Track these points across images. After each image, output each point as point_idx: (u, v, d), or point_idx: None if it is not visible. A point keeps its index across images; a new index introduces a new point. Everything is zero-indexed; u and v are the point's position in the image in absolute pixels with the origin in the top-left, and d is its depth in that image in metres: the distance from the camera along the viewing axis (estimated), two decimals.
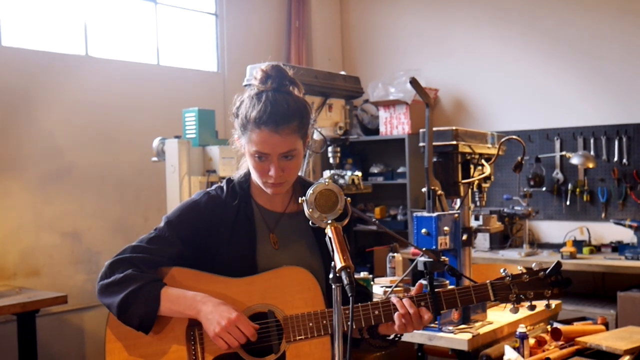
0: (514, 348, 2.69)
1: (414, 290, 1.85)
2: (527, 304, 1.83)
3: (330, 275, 1.51)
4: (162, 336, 1.83)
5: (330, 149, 3.81)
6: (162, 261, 1.87)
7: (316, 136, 3.70)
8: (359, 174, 3.86)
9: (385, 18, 6.64)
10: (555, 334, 2.86)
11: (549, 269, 1.83)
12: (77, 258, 4.85)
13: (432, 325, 2.79)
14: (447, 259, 2.71)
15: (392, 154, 6.31)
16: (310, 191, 1.62)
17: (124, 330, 1.82)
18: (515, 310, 1.85)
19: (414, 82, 2.57)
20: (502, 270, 1.83)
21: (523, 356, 2.66)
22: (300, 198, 1.64)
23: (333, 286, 1.49)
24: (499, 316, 3.00)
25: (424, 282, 2.24)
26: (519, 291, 1.81)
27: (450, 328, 2.76)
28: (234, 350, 1.77)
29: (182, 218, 1.91)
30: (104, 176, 5.02)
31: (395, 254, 3.59)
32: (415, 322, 1.80)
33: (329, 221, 1.59)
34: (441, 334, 2.74)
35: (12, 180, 4.54)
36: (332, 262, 1.51)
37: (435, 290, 1.83)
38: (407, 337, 2.86)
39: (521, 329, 2.70)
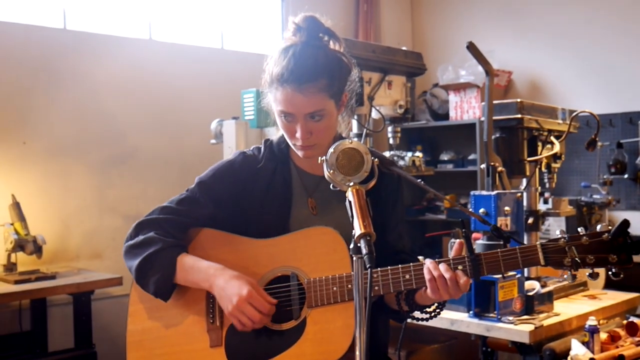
0: (583, 343, 2.43)
1: (453, 251, 1.62)
2: (587, 270, 1.54)
3: (351, 246, 1.33)
4: (184, 299, 1.77)
5: (390, 128, 3.61)
6: (190, 222, 1.79)
7: (375, 115, 3.51)
8: (420, 154, 3.64)
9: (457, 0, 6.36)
10: (631, 329, 2.57)
11: (613, 229, 1.52)
12: None
13: (491, 315, 2.57)
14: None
15: (462, 140, 6.03)
16: (331, 150, 1.43)
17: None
18: (572, 278, 1.55)
19: (471, 47, 2.35)
20: (557, 231, 1.55)
21: (593, 352, 2.40)
22: (320, 158, 1.45)
23: (354, 258, 1.31)
24: (567, 308, 2.74)
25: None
26: (577, 255, 1.52)
27: (511, 318, 2.53)
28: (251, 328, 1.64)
29: (215, 179, 1.82)
30: (167, 159, 5.00)
31: (457, 240, 3.35)
32: (451, 288, 1.56)
33: (351, 184, 1.40)
34: (500, 324, 2.51)
35: (75, 163, 4.57)
36: (353, 231, 1.33)
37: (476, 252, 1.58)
38: (463, 328, 2.65)
39: (591, 321, 2.44)
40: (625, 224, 1.53)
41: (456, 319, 2.65)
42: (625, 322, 2.64)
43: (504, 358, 3.73)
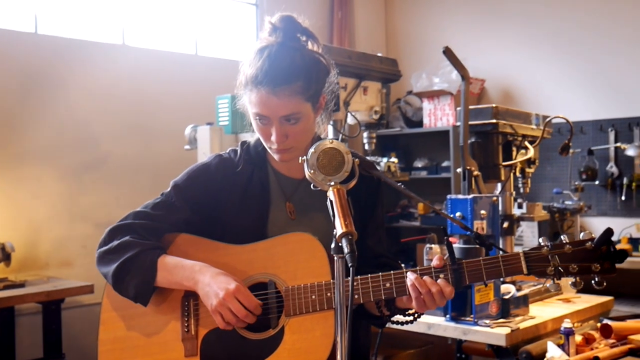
0: (558, 345, 2.44)
1: (434, 261, 1.58)
2: (570, 279, 1.51)
3: (332, 245, 1.30)
4: (158, 307, 1.70)
5: (365, 134, 3.61)
6: (165, 228, 1.73)
7: (350, 120, 3.51)
8: (395, 160, 3.65)
9: (430, 8, 6.41)
10: (606, 331, 2.59)
11: (597, 238, 1.50)
12: None
13: (467, 319, 2.57)
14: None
15: (436, 147, 6.06)
16: (311, 150, 1.40)
17: (121, 300, 1.70)
18: (555, 287, 1.53)
19: (447, 52, 2.36)
20: (540, 239, 1.53)
21: (568, 354, 2.41)
22: (300, 158, 1.42)
23: (335, 257, 1.29)
24: (542, 311, 2.76)
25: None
26: (560, 264, 1.50)
27: (487, 322, 2.53)
28: (233, 327, 1.59)
29: (190, 182, 1.76)
30: (139, 166, 4.94)
31: (432, 245, 3.36)
32: (438, 300, 1.53)
33: (332, 184, 1.38)
34: (477, 327, 2.52)
35: (46, 169, 4.50)
36: (334, 230, 1.31)
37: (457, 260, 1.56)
38: (440, 332, 2.65)
39: (566, 324, 2.45)
40: (609, 232, 1.51)
41: (433, 322, 2.65)
42: (599, 324, 2.66)
43: None
